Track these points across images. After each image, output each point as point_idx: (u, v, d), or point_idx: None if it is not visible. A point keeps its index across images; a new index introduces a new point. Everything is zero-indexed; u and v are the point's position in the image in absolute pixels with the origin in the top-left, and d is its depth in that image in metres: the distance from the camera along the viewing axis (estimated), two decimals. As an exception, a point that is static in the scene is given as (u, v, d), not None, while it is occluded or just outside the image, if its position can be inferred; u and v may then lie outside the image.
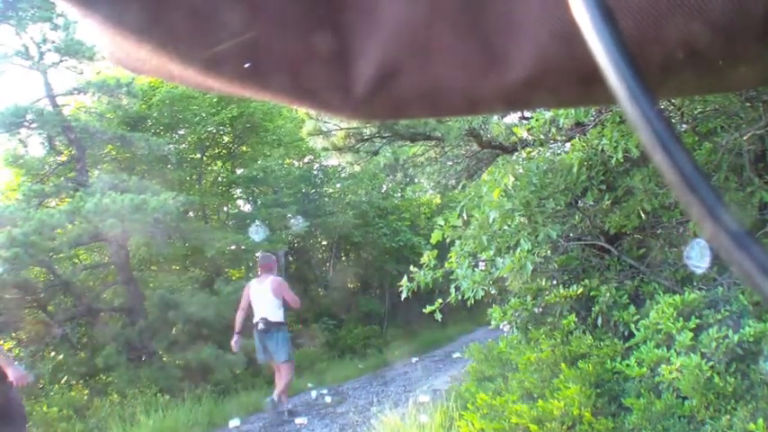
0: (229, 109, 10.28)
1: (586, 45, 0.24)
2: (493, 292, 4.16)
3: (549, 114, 3.95)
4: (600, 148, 3.69)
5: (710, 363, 2.80)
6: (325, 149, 6.83)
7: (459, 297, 4.18)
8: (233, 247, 10.36)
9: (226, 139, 11.82)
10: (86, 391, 7.58)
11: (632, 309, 3.60)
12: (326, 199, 12.84)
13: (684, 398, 2.93)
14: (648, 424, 2.96)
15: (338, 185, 13.49)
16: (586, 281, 3.95)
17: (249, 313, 6.27)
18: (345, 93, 0.35)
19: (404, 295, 4.52)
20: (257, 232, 9.73)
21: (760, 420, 2.44)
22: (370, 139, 6.61)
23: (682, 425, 2.90)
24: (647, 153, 0.23)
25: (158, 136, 10.20)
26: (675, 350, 2.96)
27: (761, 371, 2.78)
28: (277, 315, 6.15)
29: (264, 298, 6.12)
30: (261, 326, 6.06)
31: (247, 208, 13.05)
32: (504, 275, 3.83)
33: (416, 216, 13.77)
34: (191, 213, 10.75)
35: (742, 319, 2.95)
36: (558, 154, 4.95)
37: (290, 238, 12.09)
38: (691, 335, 2.92)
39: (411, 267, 4.57)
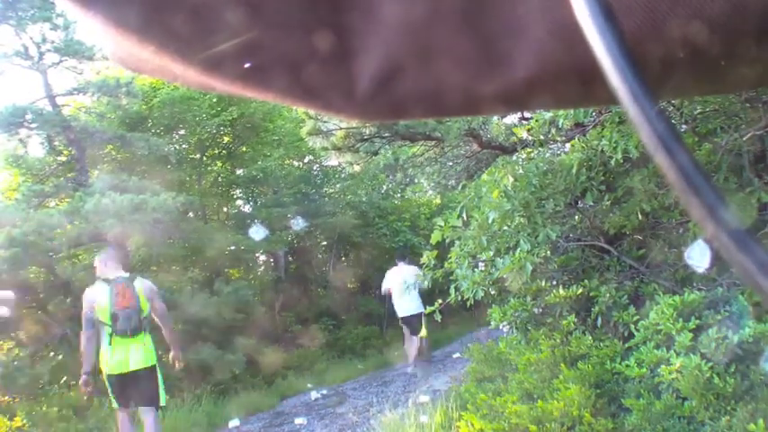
0: (230, 111, 10.29)
1: (587, 45, 0.24)
2: (492, 292, 4.16)
3: (548, 115, 3.95)
4: (599, 148, 3.69)
5: (710, 363, 2.80)
6: (325, 149, 6.83)
7: (459, 297, 4.18)
8: (233, 248, 10.36)
9: (226, 139, 11.82)
10: (86, 392, 7.57)
11: (632, 309, 3.60)
12: (326, 199, 12.84)
13: (684, 398, 2.93)
14: (648, 425, 2.96)
15: (338, 186, 13.50)
16: (586, 281, 3.95)
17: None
18: (346, 93, 0.35)
19: (404, 296, 4.52)
20: (257, 232, 9.74)
21: (760, 421, 2.44)
22: (369, 139, 6.61)
23: (681, 425, 2.90)
24: (647, 153, 0.23)
25: (158, 136, 10.20)
26: (675, 351, 2.96)
27: (761, 372, 2.78)
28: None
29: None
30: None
31: (247, 208, 13.06)
32: (504, 276, 3.82)
33: (416, 216, 13.77)
34: (191, 213, 10.75)
35: (742, 320, 2.95)
36: (558, 155, 4.96)
37: (290, 239, 12.09)
38: (690, 335, 2.92)
39: (411, 268, 4.57)
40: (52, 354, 7.76)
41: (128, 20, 0.33)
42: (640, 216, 3.73)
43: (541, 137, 4.26)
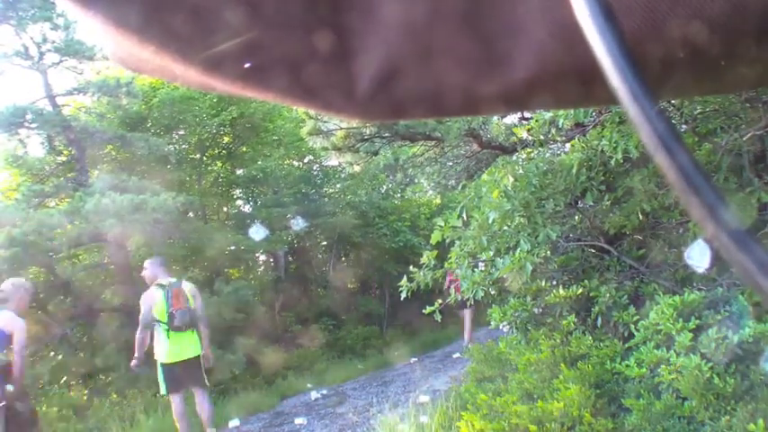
0: (230, 110, 10.29)
1: (587, 45, 0.24)
2: (492, 292, 4.16)
3: (548, 115, 3.95)
4: (600, 148, 3.70)
5: (710, 363, 2.80)
6: (325, 149, 6.83)
7: (459, 298, 4.18)
8: (233, 248, 10.36)
9: (226, 139, 11.82)
10: (86, 392, 7.58)
11: (632, 309, 3.60)
12: (326, 199, 12.84)
13: (684, 398, 2.93)
14: (648, 425, 2.96)
15: (338, 186, 13.50)
16: (586, 281, 3.95)
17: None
18: (347, 93, 0.35)
19: (403, 296, 4.52)
20: (257, 232, 9.74)
21: (760, 421, 2.43)
22: (370, 139, 6.61)
23: (681, 425, 2.90)
24: (647, 153, 0.23)
25: (158, 136, 10.20)
26: (675, 351, 2.96)
27: (761, 372, 2.78)
28: None
29: None
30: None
31: (247, 208, 13.05)
32: (504, 276, 3.83)
33: (416, 216, 13.77)
34: (191, 213, 10.75)
35: (742, 320, 2.95)
36: (558, 155, 4.96)
37: (290, 239, 12.09)
38: (690, 335, 2.92)
39: (411, 268, 4.57)
40: (52, 354, 7.76)
41: (128, 20, 0.33)
42: (640, 216, 3.73)
43: (541, 137, 4.26)
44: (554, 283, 4.16)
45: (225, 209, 12.57)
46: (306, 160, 13.50)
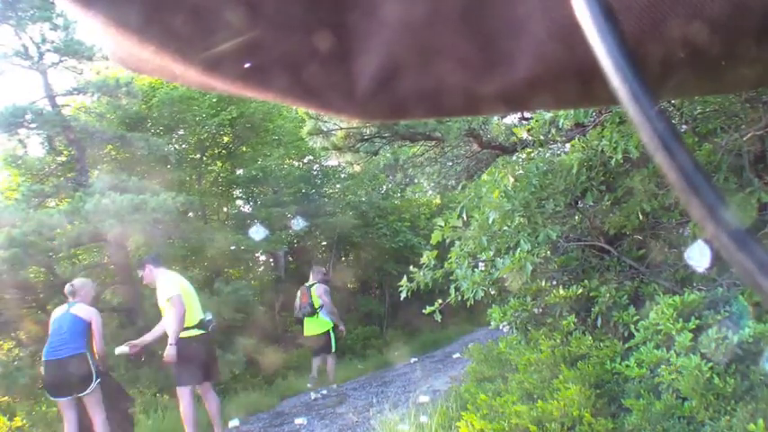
0: (229, 110, 10.29)
1: (587, 45, 0.24)
2: (492, 292, 4.16)
3: (548, 115, 3.95)
4: (600, 149, 3.69)
5: (710, 364, 2.80)
6: (325, 149, 6.83)
7: (459, 298, 4.17)
8: (233, 248, 10.36)
9: (226, 139, 11.82)
10: (86, 391, 7.56)
11: (632, 309, 3.60)
12: (326, 199, 12.84)
13: (684, 399, 2.93)
14: (648, 425, 2.96)
15: (338, 186, 13.50)
16: (586, 281, 3.95)
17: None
18: (347, 93, 0.35)
19: (403, 295, 4.52)
20: (257, 232, 9.74)
21: (760, 421, 2.43)
22: (370, 139, 6.61)
23: (681, 426, 2.89)
24: (647, 153, 0.23)
25: (158, 136, 10.20)
26: (675, 351, 2.96)
27: (761, 372, 2.78)
28: None
29: None
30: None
31: (247, 208, 13.06)
32: (504, 276, 3.82)
33: (416, 216, 13.77)
34: (191, 213, 10.75)
35: (742, 320, 2.95)
36: (558, 155, 4.95)
37: (290, 239, 12.09)
38: (690, 336, 2.92)
39: (411, 268, 4.57)
40: (52, 354, 7.74)
41: (128, 20, 0.33)
42: (640, 216, 3.73)
43: (541, 137, 4.25)
44: (554, 283, 4.15)
45: (225, 209, 12.57)
46: (306, 160, 13.51)
